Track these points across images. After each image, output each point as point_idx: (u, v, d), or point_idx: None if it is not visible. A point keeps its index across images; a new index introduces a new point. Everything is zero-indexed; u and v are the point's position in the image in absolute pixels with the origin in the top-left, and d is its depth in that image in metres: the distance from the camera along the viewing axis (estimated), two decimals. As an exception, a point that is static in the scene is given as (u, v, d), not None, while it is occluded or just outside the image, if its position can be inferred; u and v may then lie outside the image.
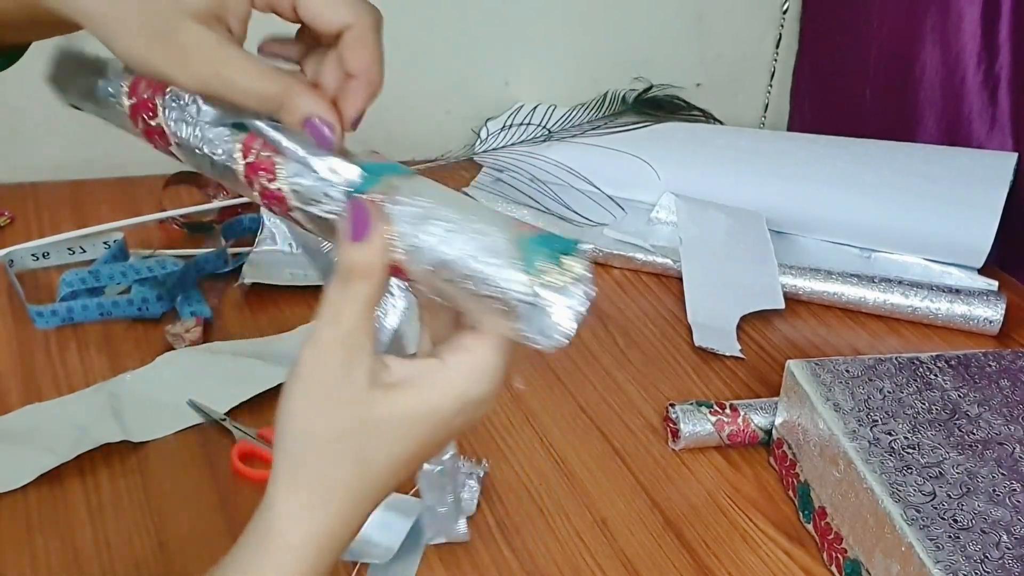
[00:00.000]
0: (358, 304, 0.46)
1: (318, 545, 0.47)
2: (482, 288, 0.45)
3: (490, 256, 0.45)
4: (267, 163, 0.50)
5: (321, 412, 0.46)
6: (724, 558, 0.74)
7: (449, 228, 0.46)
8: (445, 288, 0.46)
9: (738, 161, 1.17)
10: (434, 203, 0.47)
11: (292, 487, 0.47)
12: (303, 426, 0.47)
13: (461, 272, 0.45)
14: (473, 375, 0.47)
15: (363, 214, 0.46)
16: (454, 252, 0.46)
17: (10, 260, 0.95)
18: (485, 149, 1.23)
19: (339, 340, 0.46)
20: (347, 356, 0.46)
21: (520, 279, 0.44)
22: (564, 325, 0.45)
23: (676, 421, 0.82)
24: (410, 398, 0.47)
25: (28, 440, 0.76)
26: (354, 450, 0.46)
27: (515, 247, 0.45)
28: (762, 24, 1.37)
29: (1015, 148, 1.12)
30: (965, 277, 1.07)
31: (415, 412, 0.47)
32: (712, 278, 1.03)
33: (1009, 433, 0.75)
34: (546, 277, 0.44)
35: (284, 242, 1.00)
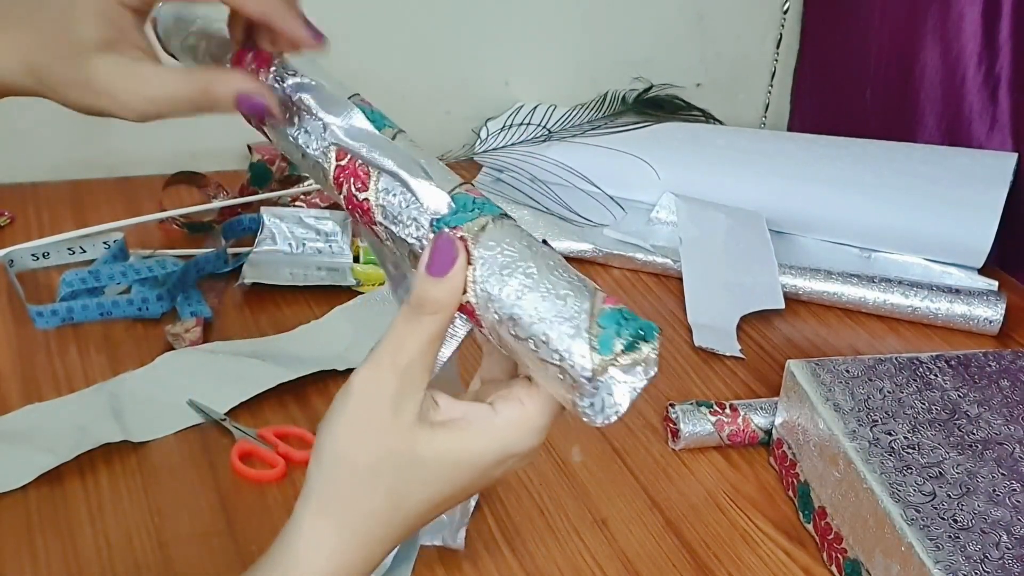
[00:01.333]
0: (423, 338, 0.46)
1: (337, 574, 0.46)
2: (547, 354, 0.44)
3: (564, 324, 0.44)
4: (361, 171, 0.49)
5: (364, 439, 0.46)
6: (724, 558, 0.74)
7: (527, 284, 0.44)
8: (510, 341, 0.45)
9: (738, 161, 1.17)
10: (519, 254, 0.45)
11: (322, 511, 0.47)
12: (344, 450, 0.46)
13: (529, 332, 0.44)
14: (522, 429, 0.47)
15: (448, 251, 0.45)
16: (527, 310, 0.44)
17: (10, 260, 0.95)
18: (485, 149, 1.23)
19: (397, 371, 0.46)
20: (401, 388, 0.45)
21: (589, 356, 0.43)
22: (621, 405, 0.44)
23: (676, 421, 0.83)
24: (455, 441, 0.46)
25: (28, 440, 0.76)
26: (390, 484, 0.46)
27: (592, 321, 0.43)
28: (762, 24, 1.37)
29: (1015, 148, 1.12)
30: (965, 277, 1.07)
31: (457, 456, 0.46)
32: (712, 278, 1.03)
33: (1009, 433, 0.75)
34: (618, 360, 0.43)
35: (284, 242, 1.00)
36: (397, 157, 0.48)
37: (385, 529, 0.47)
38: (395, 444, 0.45)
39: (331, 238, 1.00)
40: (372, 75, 1.22)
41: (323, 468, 0.47)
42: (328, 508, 0.46)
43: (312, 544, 0.46)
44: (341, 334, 0.91)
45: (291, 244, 1.00)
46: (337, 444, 0.46)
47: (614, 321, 0.43)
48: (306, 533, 0.46)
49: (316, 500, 0.47)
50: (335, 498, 0.46)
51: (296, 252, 1.00)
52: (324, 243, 1.00)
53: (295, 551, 0.46)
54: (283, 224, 1.00)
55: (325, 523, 0.46)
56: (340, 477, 0.46)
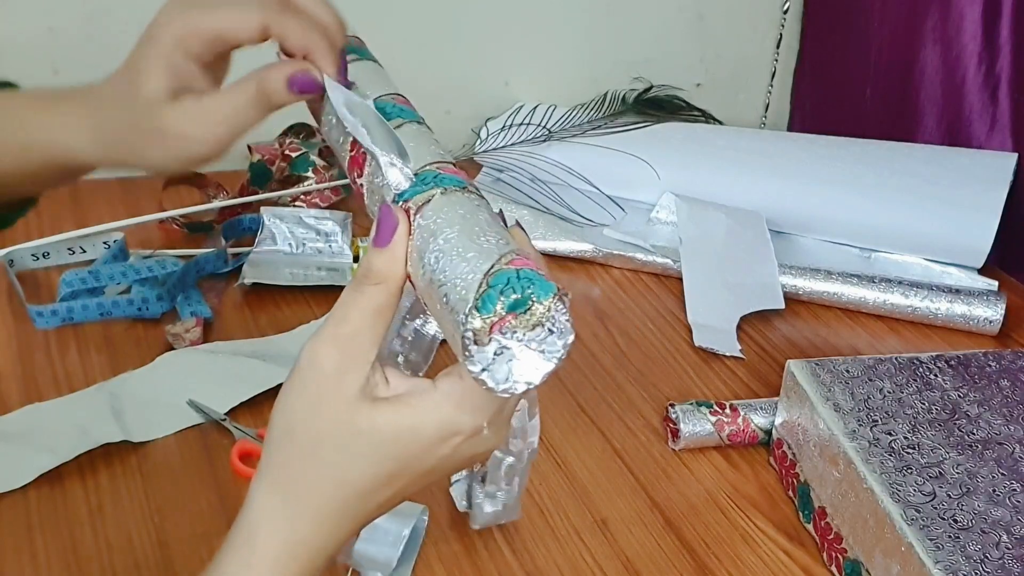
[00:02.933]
0: (366, 310, 0.45)
1: (293, 553, 0.46)
2: (448, 317, 0.42)
3: (460, 284, 0.42)
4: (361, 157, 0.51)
5: (306, 412, 0.46)
6: (724, 558, 0.74)
7: (444, 248, 0.44)
8: (433, 309, 0.44)
9: (738, 161, 1.17)
10: (447, 220, 0.44)
11: (271, 488, 0.47)
12: (288, 423, 0.46)
13: (438, 295, 0.43)
14: (461, 404, 0.45)
15: (389, 221, 0.45)
16: (438, 273, 0.43)
17: (10, 260, 0.95)
18: (485, 149, 1.22)
19: (339, 342, 0.45)
20: (343, 360, 0.45)
21: (470, 316, 0.41)
22: (528, 372, 0.41)
23: (676, 421, 0.82)
24: (391, 414, 0.45)
25: (28, 440, 0.76)
26: (332, 457, 0.46)
27: (484, 281, 0.41)
28: (762, 24, 1.37)
29: (1015, 148, 1.12)
30: (965, 277, 1.07)
31: (396, 430, 0.45)
32: (712, 278, 1.03)
33: (1009, 433, 0.75)
34: (507, 321, 0.41)
35: (284, 242, 1.00)
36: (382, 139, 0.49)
37: (333, 503, 0.46)
38: (336, 418, 0.45)
39: (331, 238, 1.00)
40: (372, 75, 1.22)
41: (271, 444, 0.47)
42: (276, 483, 0.46)
43: (264, 520, 0.46)
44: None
45: (291, 244, 1.00)
46: (283, 418, 0.46)
47: (503, 280, 0.41)
48: (257, 509, 0.46)
49: (266, 476, 0.47)
50: (282, 472, 0.46)
51: (296, 252, 1.00)
52: (324, 243, 1.00)
53: (249, 528, 0.46)
54: (283, 224, 1.00)
55: (274, 498, 0.46)
56: (285, 451, 0.46)
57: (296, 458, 0.46)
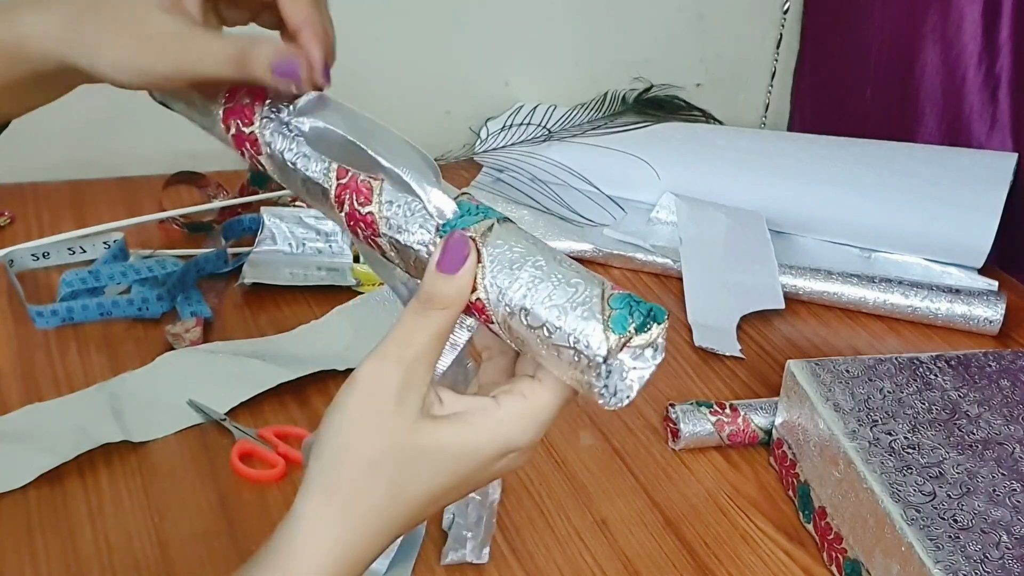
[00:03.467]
0: (431, 333, 0.47)
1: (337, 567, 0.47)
2: (560, 338, 0.45)
3: (577, 308, 0.45)
4: (364, 186, 0.50)
5: (367, 432, 0.46)
6: (724, 558, 0.74)
7: (538, 275, 0.46)
8: (522, 332, 0.47)
9: (738, 161, 1.17)
10: (526, 249, 0.47)
11: (323, 500, 0.47)
12: (346, 442, 0.47)
13: (543, 319, 0.46)
14: (523, 422, 0.48)
15: (461, 248, 0.47)
16: (540, 298, 0.46)
17: (10, 260, 0.95)
18: (485, 149, 1.23)
19: (403, 364, 0.46)
20: (406, 381, 0.46)
21: (604, 336, 0.45)
22: (632, 389, 0.46)
23: (676, 421, 0.82)
24: (456, 434, 0.47)
25: (28, 440, 0.76)
26: (391, 475, 0.46)
27: (604, 303, 0.45)
28: (762, 24, 1.37)
29: (1015, 148, 1.12)
30: (965, 277, 1.07)
31: (458, 448, 0.47)
32: (712, 278, 1.03)
33: (1009, 433, 0.75)
34: (632, 341, 0.45)
35: (284, 242, 1.00)
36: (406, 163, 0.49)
37: (385, 521, 0.47)
38: (398, 437, 0.46)
39: (331, 238, 1.00)
40: (372, 75, 1.22)
41: (324, 460, 0.47)
42: (330, 500, 0.47)
43: (313, 535, 0.46)
44: (341, 334, 0.91)
45: (291, 244, 1.00)
46: (340, 436, 0.47)
47: (625, 303, 0.45)
48: (307, 525, 0.47)
49: (318, 492, 0.47)
50: (337, 490, 0.47)
51: (296, 252, 1.00)
52: (324, 243, 1.00)
53: (295, 543, 0.46)
54: (283, 224, 1.00)
55: (326, 515, 0.46)
56: (342, 469, 0.46)
57: (354, 473, 0.46)
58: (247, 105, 0.54)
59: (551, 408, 0.48)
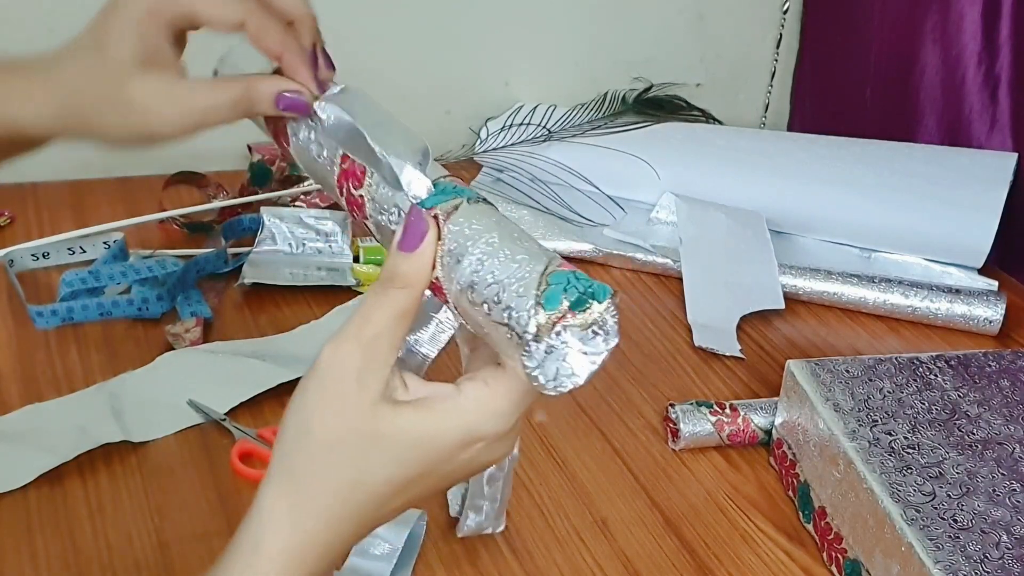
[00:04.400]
0: (390, 312, 0.45)
1: (302, 557, 0.46)
2: (498, 314, 0.44)
3: (515, 284, 0.43)
4: (359, 170, 0.50)
5: (325, 415, 0.45)
6: (724, 558, 0.74)
7: (487, 251, 0.45)
8: (468, 309, 0.45)
9: (738, 161, 1.17)
10: (484, 227, 0.46)
11: (282, 489, 0.46)
12: (305, 426, 0.46)
13: (484, 296, 0.44)
14: (484, 410, 0.46)
15: (419, 225, 0.46)
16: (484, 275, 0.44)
17: (10, 260, 0.95)
18: (485, 149, 1.23)
19: (361, 345, 0.45)
20: (365, 363, 0.45)
21: (534, 312, 0.42)
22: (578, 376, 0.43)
23: (676, 421, 0.82)
24: (415, 419, 0.45)
25: (28, 440, 0.77)
26: (349, 460, 0.45)
27: (543, 280, 0.43)
28: (762, 24, 1.37)
29: (1015, 148, 1.12)
30: (965, 277, 1.07)
31: (419, 435, 0.45)
32: (712, 278, 1.03)
33: (1009, 433, 0.75)
34: (567, 319, 0.42)
35: (284, 242, 1.00)
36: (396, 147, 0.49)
37: (346, 507, 0.46)
38: (356, 420, 0.45)
39: (331, 238, 1.00)
40: (372, 75, 1.22)
41: (285, 444, 0.46)
42: (288, 487, 0.46)
43: (273, 521, 0.46)
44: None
45: (291, 244, 1.00)
46: (299, 420, 0.46)
47: (563, 279, 0.43)
48: (267, 509, 0.46)
49: (277, 477, 0.46)
50: (296, 474, 0.46)
51: (296, 252, 1.00)
52: (324, 243, 1.00)
53: (258, 529, 0.46)
54: (283, 224, 1.00)
55: (286, 500, 0.46)
56: (301, 453, 0.46)
57: (312, 457, 0.45)
58: None
59: (512, 396, 0.46)
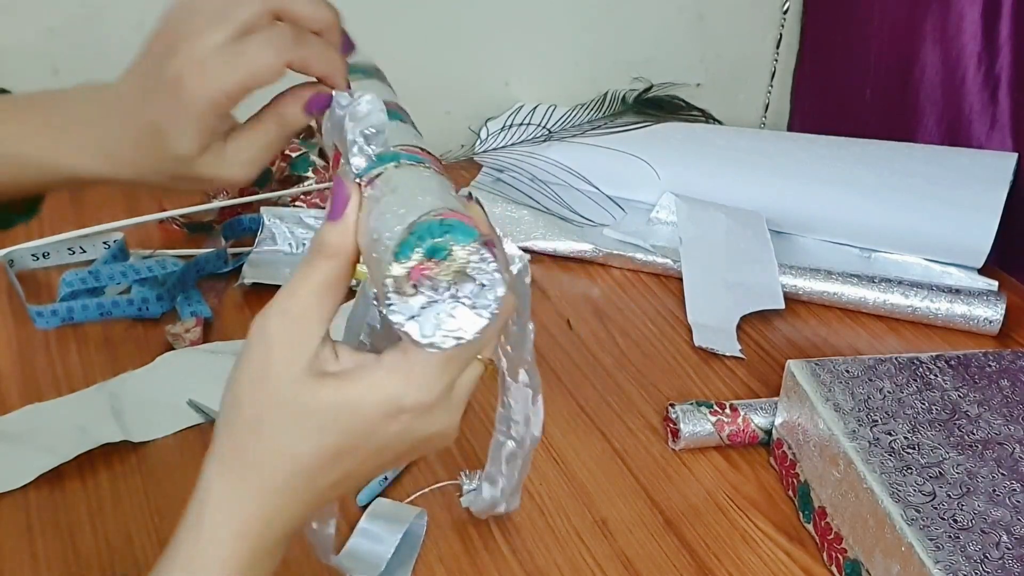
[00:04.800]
0: (315, 283, 0.45)
1: (241, 530, 0.45)
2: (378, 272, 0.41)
3: (387, 238, 0.41)
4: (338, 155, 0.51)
5: (253, 386, 0.45)
6: (724, 558, 0.74)
7: (382, 209, 0.43)
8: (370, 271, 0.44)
9: (738, 161, 1.17)
10: (393, 187, 0.44)
11: (219, 467, 0.46)
12: (236, 398, 0.46)
13: (372, 250, 0.43)
14: (403, 379, 0.44)
15: (341, 194, 0.45)
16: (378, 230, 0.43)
17: (10, 260, 0.95)
18: (485, 149, 1.23)
19: (288, 316, 0.45)
20: (291, 334, 0.45)
21: (390, 264, 0.40)
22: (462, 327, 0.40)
23: (676, 421, 0.82)
24: (335, 389, 0.45)
25: (28, 440, 0.77)
26: (277, 432, 0.45)
27: (407, 231, 0.40)
28: (762, 24, 1.37)
29: (1015, 148, 1.12)
30: (965, 277, 1.07)
31: (336, 404, 0.45)
32: (712, 278, 1.03)
33: (1009, 433, 0.75)
34: (426, 269, 0.40)
35: (284, 242, 1.00)
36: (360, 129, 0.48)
37: (279, 478, 0.45)
38: (281, 390, 0.45)
39: (331, 238, 1.00)
40: (372, 75, 1.22)
41: (220, 417, 0.46)
42: (223, 459, 0.46)
43: (212, 496, 0.46)
44: (341, 334, 0.91)
45: (291, 244, 1.00)
46: (230, 391, 0.46)
47: (426, 229, 0.40)
48: (205, 487, 0.46)
49: (216, 455, 0.46)
50: (229, 447, 0.46)
51: (296, 252, 1.00)
52: (324, 243, 1.00)
53: (200, 506, 0.46)
54: (283, 224, 1.00)
55: (222, 475, 0.46)
56: (233, 425, 0.46)
57: (242, 432, 0.45)
58: None
59: (431, 363, 0.44)
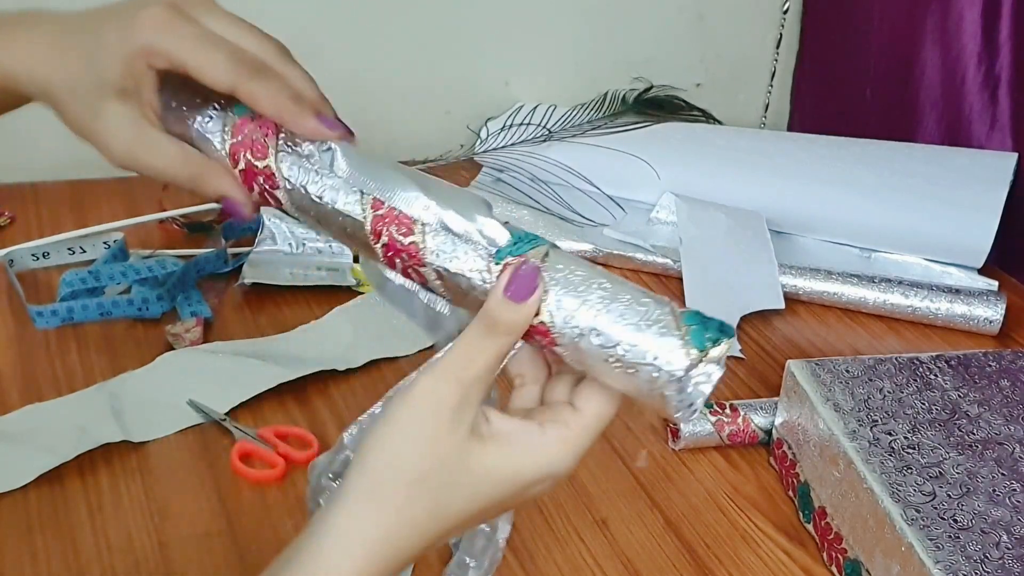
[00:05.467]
0: (492, 357, 0.48)
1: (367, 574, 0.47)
2: (636, 356, 0.47)
3: (653, 326, 0.47)
4: (404, 216, 0.50)
5: (417, 447, 0.47)
6: (724, 558, 0.74)
7: (605, 296, 0.48)
8: (593, 352, 0.48)
9: (738, 161, 1.17)
10: (587, 273, 0.48)
11: (362, 509, 0.47)
12: (395, 454, 0.47)
13: (615, 339, 0.47)
14: (564, 450, 0.49)
15: (530, 278, 0.47)
16: (612, 319, 0.47)
17: (10, 260, 0.95)
18: (485, 149, 1.23)
19: (463, 385, 0.47)
20: (463, 402, 0.47)
21: (685, 353, 0.47)
22: (704, 398, 0.48)
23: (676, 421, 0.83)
24: (502, 457, 0.48)
25: (28, 440, 0.76)
26: (435, 493, 0.47)
27: (678, 322, 0.47)
28: (762, 24, 1.37)
29: (1015, 148, 1.12)
30: (965, 277, 1.07)
31: (502, 471, 0.48)
32: (712, 278, 1.03)
33: (1009, 433, 0.75)
34: (707, 355, 0.47)
35: (284, 242, 1.00)
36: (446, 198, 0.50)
37: (422, 536, 0.48)
38: (448, 456, 0.47)
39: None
40: (372, 75, 1.22)
41: (367, 470, 0.47)
42: (370, 508, 0.47)
43: (344, 542, 0.46)
44: (341, 334, 0.91)
45: (291, 244, 1.00)
46: (390, 447, 0.47)
47: (698, 320, 0.48)
48: (339, 530, 0.46)
49: (356, 501, 0.47)
50: (380, 500, 0.47)
51: (296, 252, 1.00)
52: (324, 243, 1.00)
53: (329, 547, 0.46)
54: (283, 224, 1.00)
55: (364, 524, 0.46)
56: (388, 482, 0.47)
57: (395, 487, 0.47)
58: (257, 140, 0.52)
59: (591, 436, 0.50)
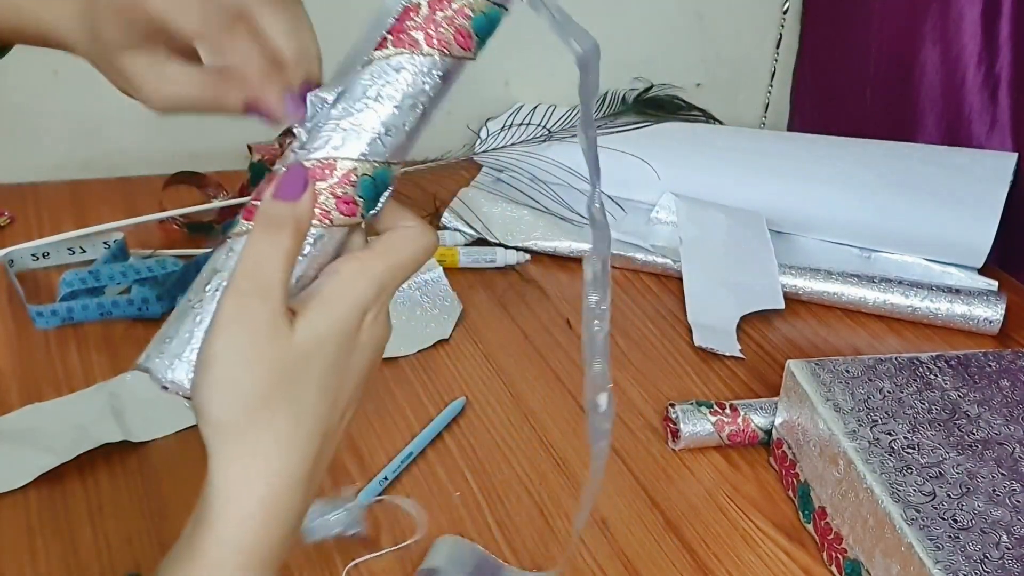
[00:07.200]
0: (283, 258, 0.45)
1: (269, 513, 0.45)
2: None
3: None
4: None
5: (248, 369, 0.44)
6: (724, 558, 0.74)
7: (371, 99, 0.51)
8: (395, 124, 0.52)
9: (738, 161, 1.17)
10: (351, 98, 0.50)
11: (226, 459, 0.45)
12: (231, 389, 0.45)
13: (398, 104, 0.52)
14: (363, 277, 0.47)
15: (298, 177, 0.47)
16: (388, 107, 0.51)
17: (10, 260, 0.95)
18: (485, 149, 1.23)
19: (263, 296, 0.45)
20: (271, 310, 0.45)
21: None
22: None
23: (676, 421, 0.82)
24: (318, 314, 0.46)
25: (28, 440, 0.76)
26: (285, 397, 0.45)
27: None
28: (762, 24, 1.37)
29: (1015, 148, 1.12)
30: (965, 277, 1.07)
31: (326, 324, 0.46)
32: (712, 278, 1.03)
33: (1009, 433, 0.75)
34: None
35: (284, 242, 1.00)
36: None
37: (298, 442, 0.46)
38: (278, 358, 0.45)
39: (331, 238, 1.00)
40: (372, 75, 1.22)
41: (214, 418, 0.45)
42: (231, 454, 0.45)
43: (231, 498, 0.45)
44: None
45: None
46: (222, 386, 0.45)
47: None
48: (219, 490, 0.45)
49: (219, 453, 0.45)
50: (236, 441, 0.45)
51: (296, 252, 0.99)
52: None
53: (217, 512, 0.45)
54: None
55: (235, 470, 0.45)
56: (235, 417, 0.45)
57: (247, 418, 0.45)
58: None
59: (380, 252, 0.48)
